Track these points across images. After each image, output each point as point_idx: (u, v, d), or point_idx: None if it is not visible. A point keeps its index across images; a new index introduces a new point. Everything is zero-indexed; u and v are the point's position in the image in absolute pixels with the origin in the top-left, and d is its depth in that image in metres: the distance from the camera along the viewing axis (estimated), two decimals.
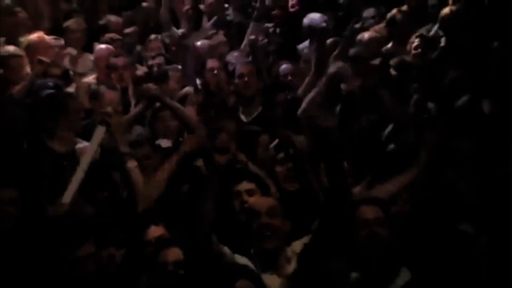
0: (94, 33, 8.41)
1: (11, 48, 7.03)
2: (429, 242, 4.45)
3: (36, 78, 6.71)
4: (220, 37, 8.43)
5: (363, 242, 4.32)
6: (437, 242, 4.43)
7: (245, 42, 8.15)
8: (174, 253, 4.48)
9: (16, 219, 4.84)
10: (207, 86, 7.05)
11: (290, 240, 4.67)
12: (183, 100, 6.83)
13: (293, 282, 4.35)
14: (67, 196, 4.95)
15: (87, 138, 5.72)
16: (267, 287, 4.35)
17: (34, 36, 7.48)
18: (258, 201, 4.76)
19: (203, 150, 4.94)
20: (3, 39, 7.47)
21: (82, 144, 5.94)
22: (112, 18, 8.65)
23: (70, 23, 8.24)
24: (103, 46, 7.81)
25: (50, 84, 6.49)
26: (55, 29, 8.21)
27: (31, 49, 7.30)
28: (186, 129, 6.06)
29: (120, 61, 7.38)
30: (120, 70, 7.26)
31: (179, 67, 7.68)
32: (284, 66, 7.41)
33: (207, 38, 8.39)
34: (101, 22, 8.66)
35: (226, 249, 4.61)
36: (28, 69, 6.98)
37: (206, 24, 9.02)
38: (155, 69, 7.68)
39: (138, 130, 6.16)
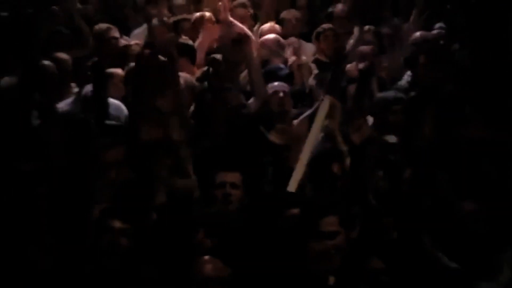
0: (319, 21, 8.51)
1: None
2: None
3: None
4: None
5: None
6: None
7: None
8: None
9: (241, 203, 4.93)
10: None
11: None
12: None
13: None
14: (293, 183, 4.74)
15: None
16: None
17: (266, 25, 7.87)
18: None
19: None
20: None
21: None
22: (339, 5, 8.59)
23: (285, 14, 8.44)
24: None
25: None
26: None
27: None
28: None
29: (369, 49, 7.40)
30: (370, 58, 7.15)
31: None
32: None
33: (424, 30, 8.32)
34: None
35: (439, 253, 4.60)
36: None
37: None
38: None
39: None
